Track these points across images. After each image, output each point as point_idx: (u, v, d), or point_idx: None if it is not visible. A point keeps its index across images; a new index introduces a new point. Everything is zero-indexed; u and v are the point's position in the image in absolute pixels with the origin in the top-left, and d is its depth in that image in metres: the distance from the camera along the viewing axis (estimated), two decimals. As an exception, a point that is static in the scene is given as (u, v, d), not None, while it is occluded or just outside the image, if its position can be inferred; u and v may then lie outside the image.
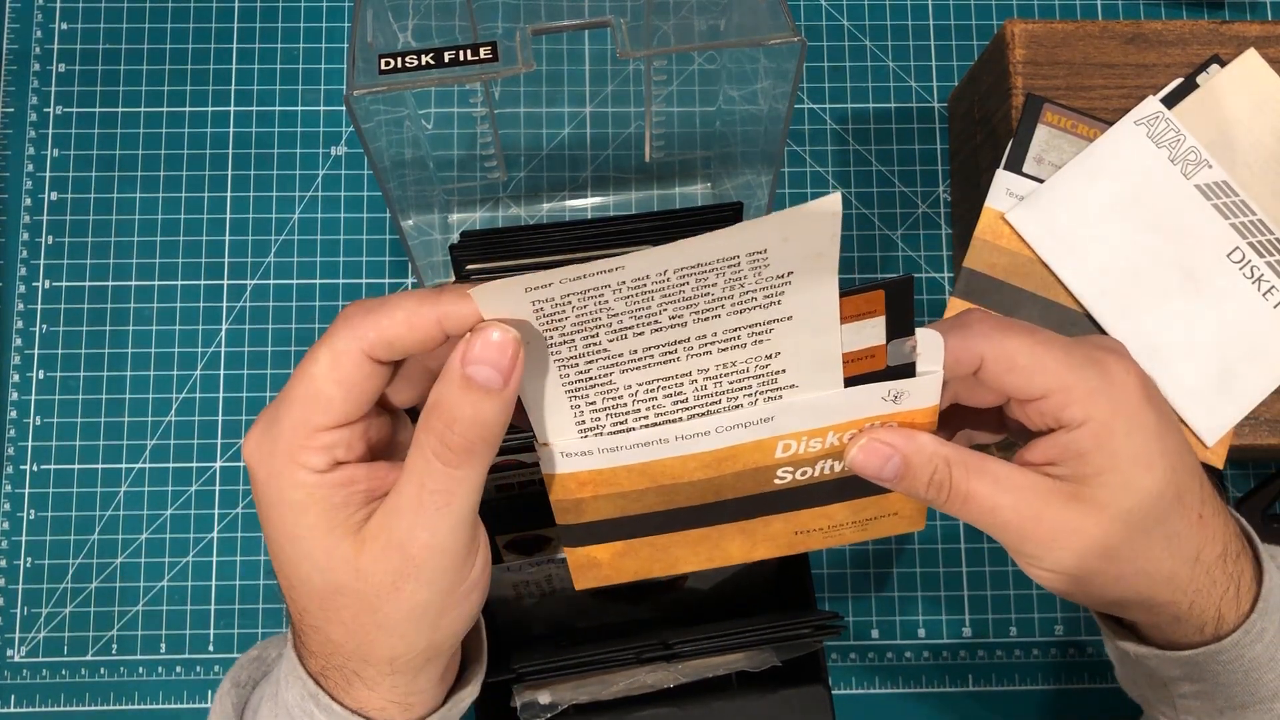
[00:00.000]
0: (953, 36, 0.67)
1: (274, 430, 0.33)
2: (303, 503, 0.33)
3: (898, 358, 0.34)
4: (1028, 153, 0.54)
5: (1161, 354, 0.52)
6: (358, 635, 0.34)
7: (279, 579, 0.35)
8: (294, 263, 0.63)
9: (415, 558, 0.33)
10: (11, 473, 0.61)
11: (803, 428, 0.35)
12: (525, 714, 0.45)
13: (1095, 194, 0.53)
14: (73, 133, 0.64)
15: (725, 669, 0.47)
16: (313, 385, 0.33)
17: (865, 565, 0.61)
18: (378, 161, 0.47)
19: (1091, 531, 0.35)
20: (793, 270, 0.32)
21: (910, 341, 0.34)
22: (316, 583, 0.34)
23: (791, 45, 0.44)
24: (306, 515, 0.33)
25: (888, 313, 0.33)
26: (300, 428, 0.33)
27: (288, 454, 0.33)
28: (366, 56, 0.44)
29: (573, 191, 0.65)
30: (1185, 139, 0.53)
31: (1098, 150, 0.54)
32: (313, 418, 0.33)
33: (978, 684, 0.60)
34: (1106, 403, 0.35)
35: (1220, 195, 0.53)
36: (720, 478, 0.36)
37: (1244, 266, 0.52)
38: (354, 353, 0.32)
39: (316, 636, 0.35)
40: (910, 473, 0.36)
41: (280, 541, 0.34)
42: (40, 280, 0.63)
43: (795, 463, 0.36)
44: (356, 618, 0.34)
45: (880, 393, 0.35)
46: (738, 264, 0.32)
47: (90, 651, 0.59)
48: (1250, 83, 0.54)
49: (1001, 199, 0.54)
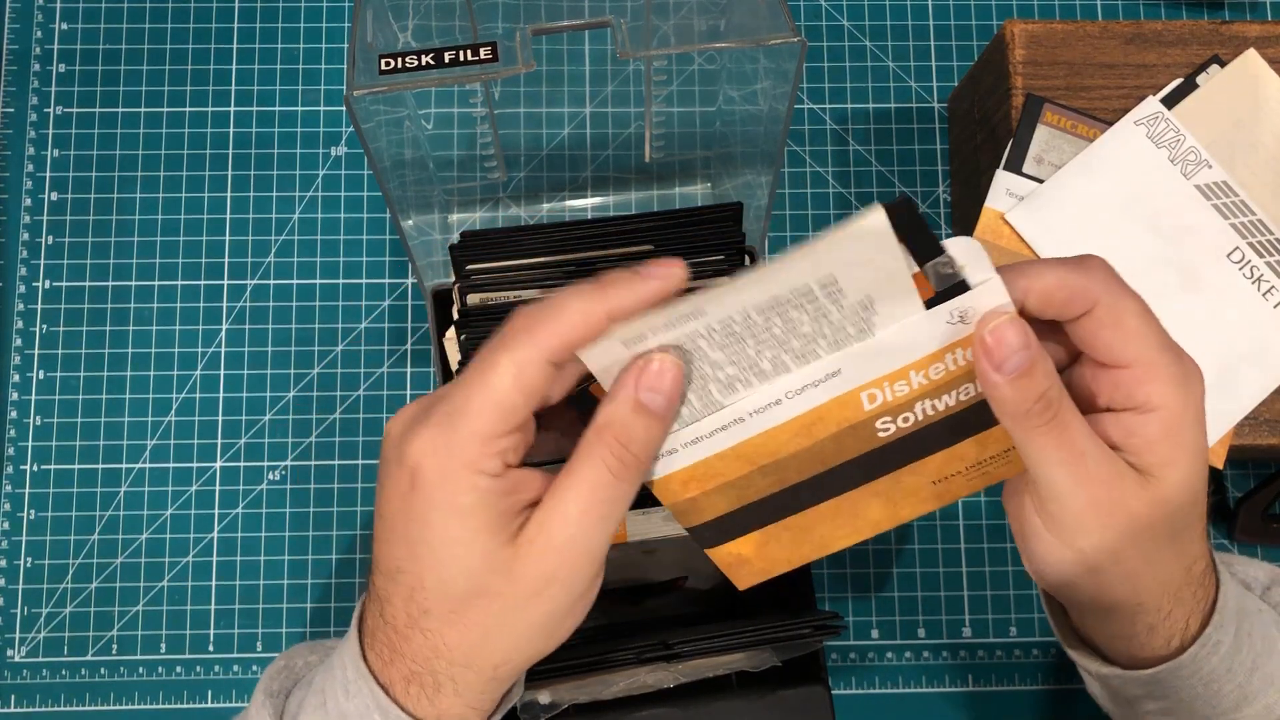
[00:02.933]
0: (953, 36, 0.67)
1: (452, 435, 0.34)
2: (473, 507, 0.34)
3: (941, 280, 0.32)
4: (1028, 153, 0.54)
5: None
6: (477, 639, 0.35)
7: (397, 581, 0.35)
8: (294, 263, 0.63)
9: (570, 562, 0.34)
10: (11, 473, 0.61)
11: (878, 374, 0.34)
12: (525, 713, 0.45)
13: (1095, 194, 0.54)
14: (73, 133, 0.64)
15: (725, 669, 0.47)
16: (497, 394, 0.33)
17: (865, 565, 0.61)
18: (378, 162, 0.47)
19: (1143, 518, 0.34)
20: (872, 296, 0.32)
21: (944, 259, 0.32)
22: (459, 585, 0.34)
23: (791, 45, 0.44)
24: (474, 518, 0.34)
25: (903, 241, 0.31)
26: (482, 435, 0.33)
27: (467, 460, 0.33)
28: (366, 57, 0.44)
29: (573, 191, 0.65)
30: (1185, 139, 0.53)
31: (1098, 150, 0.54)
32: (496, 425, 0.33)
33: (978, 684, 0.60)
34: (1183, 394, 0.34)
35: (1220, 195, 0.53)
36: (819, 444, 0.35)
37: (1244, 266, 0.52)
38: (538, 361, 0.33)
39: (425, 640, 0.35)
40: (1032, 375, 0.33)
41: (432, 543, 0.34)
42: (40, 280, 0.63)
43: (890, 411, 0.34)
44: (485, 620, 0.34)
45: (943, 317, 0.32)
46: (814, 297, 0.31)
47: (90, 651, 0.59)
48: (1250, 83, 0.54)
49: (1001, 199, 0.54)
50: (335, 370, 0.62)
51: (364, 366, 0.62)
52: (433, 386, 0.62)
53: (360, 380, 0.62)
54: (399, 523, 0.35)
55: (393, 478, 0.35)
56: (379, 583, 0.36)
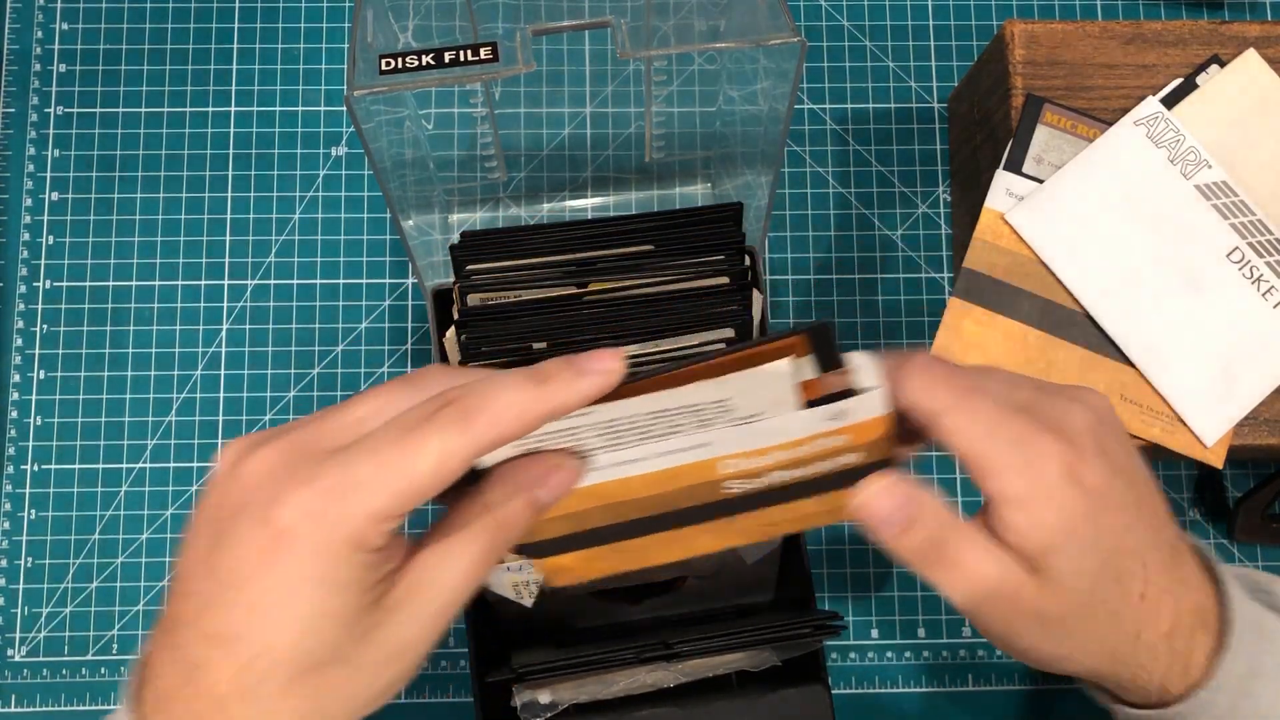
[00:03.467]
0: (952, 37, 0.67)
1: (343, 508, 0.31)
2: (349, 582, 0.31)
3: (833, 387, 0.34)
4: (1027, 153, 0.54)
5: (1162, 354, 0.52)
6: (312, 709, 0.32)
7: (227, 646, 0.31)
8: (294, 263, 0.63)
9: (434, 629, 0.33)
10: (12, 472, 0.61)
11: (742, 449, 0.35)
12: (525, 713, 0.45)
13: (1095, 194, 0.54)
14: (73, 133, 0.65)
15: (725, 668, 0.47)
16: (414, 480, 0.31)
17: (865, 565, 0.61)
18: (378, 162, 0.47)
19: (1051, 611, 0.36)
20: (759, 411, 0.34)
21: (842, 371, 0.34)
22: (315, 656, 0.31)
23: (791, 45, 0.44)
24: (348, 592, 0.31)
25: (815, 353, 0.34)
26: (380, 515, 0.31)
27: (353, 536, 0.31)
28: (367, 57, 0.44)
29: (573, 192, 0.65)
30: (1185, 139, 0.54)
31: (1097, 151, 0.54)
32: (399, 507, 0.31)
33: (977, 684, 0.60)
34: (1028, 477, 0.35)
35: (1220, 195, 0.53)
36: (666, 493, 0.36)
37: (1244, 267, 0.52)
38: (466, 456, 0.31)
39: (250, 711, 0.31)
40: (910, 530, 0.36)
41: (298, 613, 0.31)
42: (41, 280, 0.63)
43: (743, 476, 0.36)
44: (329, 688, 0.32)
45: (821, 415, 0.34)
46: (705, 411, 0.33)
47: (91, 651, 0.60)
48: (1250, 83, 0.54)
49: (1001, 199, 0.54)
50: (336, 370, 0.62)
51: (364, 366, 0.62)
52: (433, 386, 0.62)
53: (361, 380, 0.62)
54: (245, 585, 0.31)
55: (246, 536, 0.31)
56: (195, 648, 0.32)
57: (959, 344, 0.53)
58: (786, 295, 0.64)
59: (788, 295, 0.64)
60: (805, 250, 0.64)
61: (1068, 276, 0.53)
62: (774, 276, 0.64)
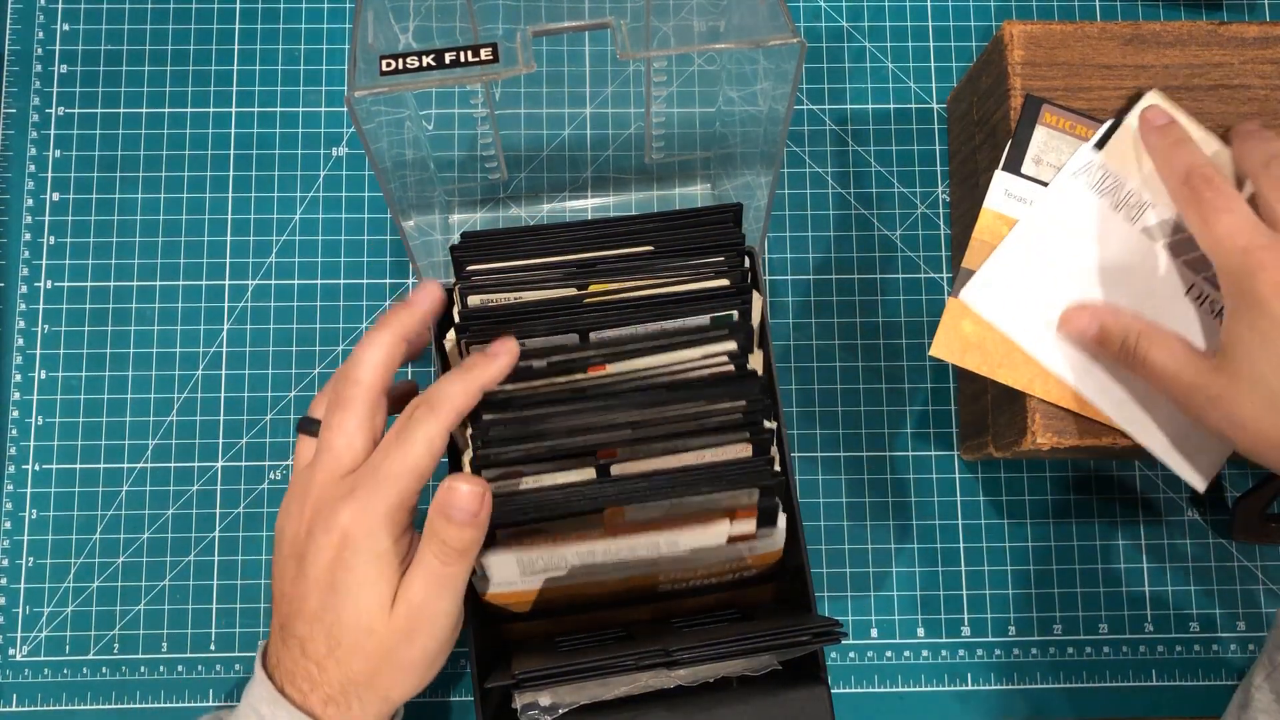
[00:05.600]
0: (952, 37, 0.67)
1: (376, 499, 0.43)
2: (385, 553, 0.43)
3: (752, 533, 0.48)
4: (1026, 154, 0.54)
5: (1136, 409, 0.51)
6: (374, 666, 0.44)
7: (318, 623, 0.44)
8: (295, 263, 0.64)
9: (426, 620, 0.44)
10: (14, 472, 0.61)
11: (678, 571, 0.50)
12: (526, 715, 0.46)
13: (1045, 258, 0.53)
14: (74, 133, 0.65)
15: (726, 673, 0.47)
16: (418, 463, 0.43)
17: (865, 565, 0.61)
18: (379, 162, 0.47)
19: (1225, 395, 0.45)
20: (699, 548, 0.49)
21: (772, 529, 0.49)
22: (362, 621, 0.43)
23: (791, 46, 0.44)
24: (383, 563, 0.43)
25: (758, 517, 0.48)
26: (403, 494, 0.43)
27: (389, 517, 0.43)
28: (367, 58, 0.44)
29: (573, 192, 0.65)
30: (1124, 183, 0.53)
31: (1041, 211, 0.53)
32: (414, 486, 0.43)
33: (977, 683, 0.60)
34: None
35: (1168, 234, 0.52)
36: (618, 591, 0.50)
37: (1203, 302, 0.51)
38: (443, 433, 0.44)
39: (338, 668, 0.44)
40: (1106, 336, 0.50)
41: (350, 585, 0.43)
42: (42, 280, 0.63)
43: (676, 582, 0.51)
44: (377, 652, 0.43)
45: (739, 550, 0.49)
46: (658, 547, 0.49)
47: (92, 650, 0.60)
48: None
49: (1000, 200, 0.54)
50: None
51: (365, 366, 0.62)
52: (433, 386, 0.62)
53: (361, 380, 0.62)
54: (325, 575, 0.43)
55: (321, 543, 0.43)
56: (300, 627, 0.44)
57: (958, 344, 0.53)
58: (786, 295, 0.64)
59: (787, 295, 0.64)
60: (805, 250, 0.64)
61: (1033, 347, 0.52)
62: (774, 277, 0.64)
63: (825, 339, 0.63)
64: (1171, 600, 0.61)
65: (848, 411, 0.63)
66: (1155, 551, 0.62)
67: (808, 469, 0.62)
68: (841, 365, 0.63)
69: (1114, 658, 0.60)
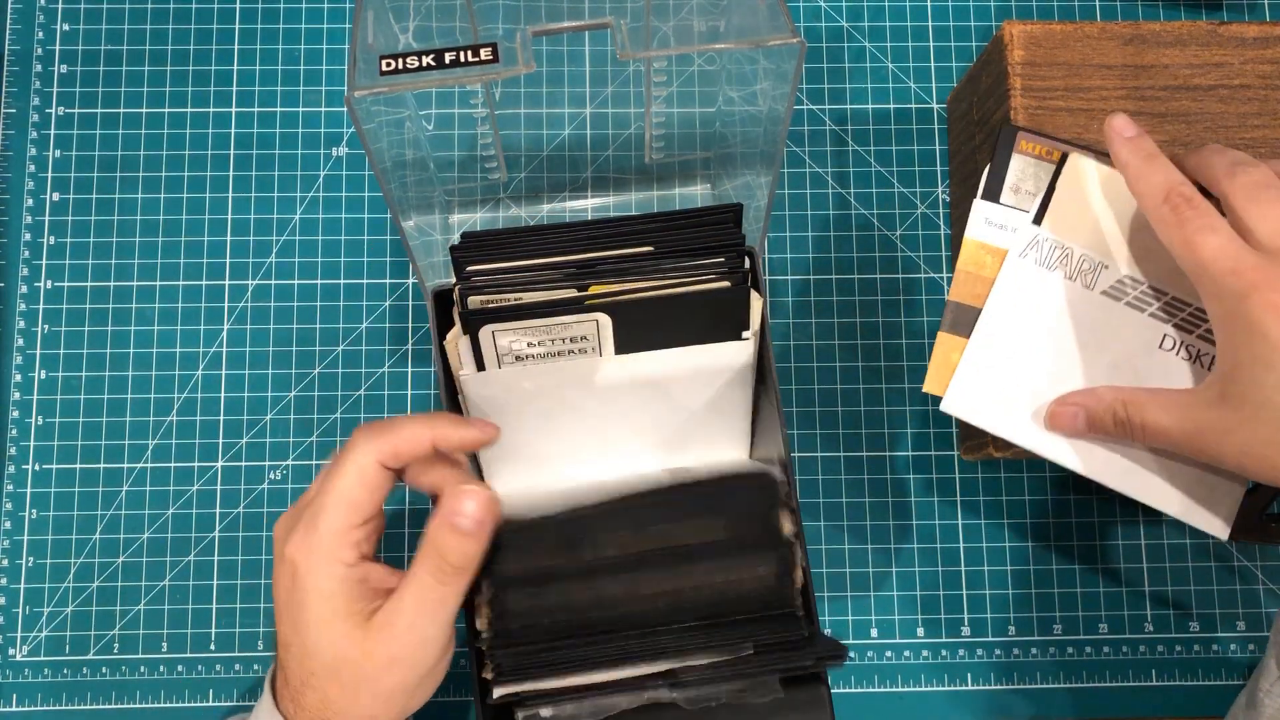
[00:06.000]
0: (951, 38, 0.67)
1: (315, 532, 0.43)
2: (333, 591, 0.42)
3: None
4: (1004, 183, 0.52)
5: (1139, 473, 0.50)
6: (351, 696, 0.43)
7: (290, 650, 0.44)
8: (295, 263, 0.64)
9: (412, 647, 0.43)
10: (14, 472, 0.61)
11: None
12: (525, 723, 0.46)
13: (1013, 345, 0.51)
14: (74, 133, 0.65)
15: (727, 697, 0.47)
16: (345, 493, 0.43)
17: (865, 565, 0.61)
18: (378, 162, 0.47)
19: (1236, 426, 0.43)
20: None
21: None
22: (328, 654, 0.42)
23: (791, 46, 0.44)
24: (333, 601, 0.42)
25: None
26: (338, 528, 0.43)
27: (327, 551, 0.42)
28: (367, 57, 0.44)
29: (573, 192, 0.65)
30: (1072, 250, 0.51)
31: (998, 303, 0.51)
32: (348, 518, 0.43)
33: (977, 683, 0.60)
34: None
35: (1128, 291, 0.51)
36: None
37: (1179, 349, 0.50)
38: (374, 463, 0.43)
39: (315, 695, 0.43)
40: (1095, 421, 0.48)
41: (308, 621, 0.43)
42: (42, 280, 0.63)
43: None
44: (354, 684, 0.43)
45: None
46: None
47: (92, 650, 0.60)
48: (1090, 180, 0.52)
49: (981, 229, 0.52)
50: (336, 370, 0.62)
51: (365, 366, 0.63)
52: (433, 386, 0.62)
53: (361, 380, 0.62)
54: (286, 606, 0.43)
55: (278, 573, 0.44)
56: (279, 653, 0.44)
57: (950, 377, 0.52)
58: (786, 295, 0.64)
59: (787, 295, 0.64)
60: (805, 250, 0.64)
61: (1028, 441, 0.51)
62: (773, 277, 0.64)
63: (825, 339, 0.63)
64: (1171, 600, 0.61)
65: (848, 411, 0.63)
66: (1155, 551, 0.62)
67: (808, 469, 0.62)
68: (841, 365, 0.63)
69: (1114, 658, 0.60)
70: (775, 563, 0.47)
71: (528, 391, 0.51)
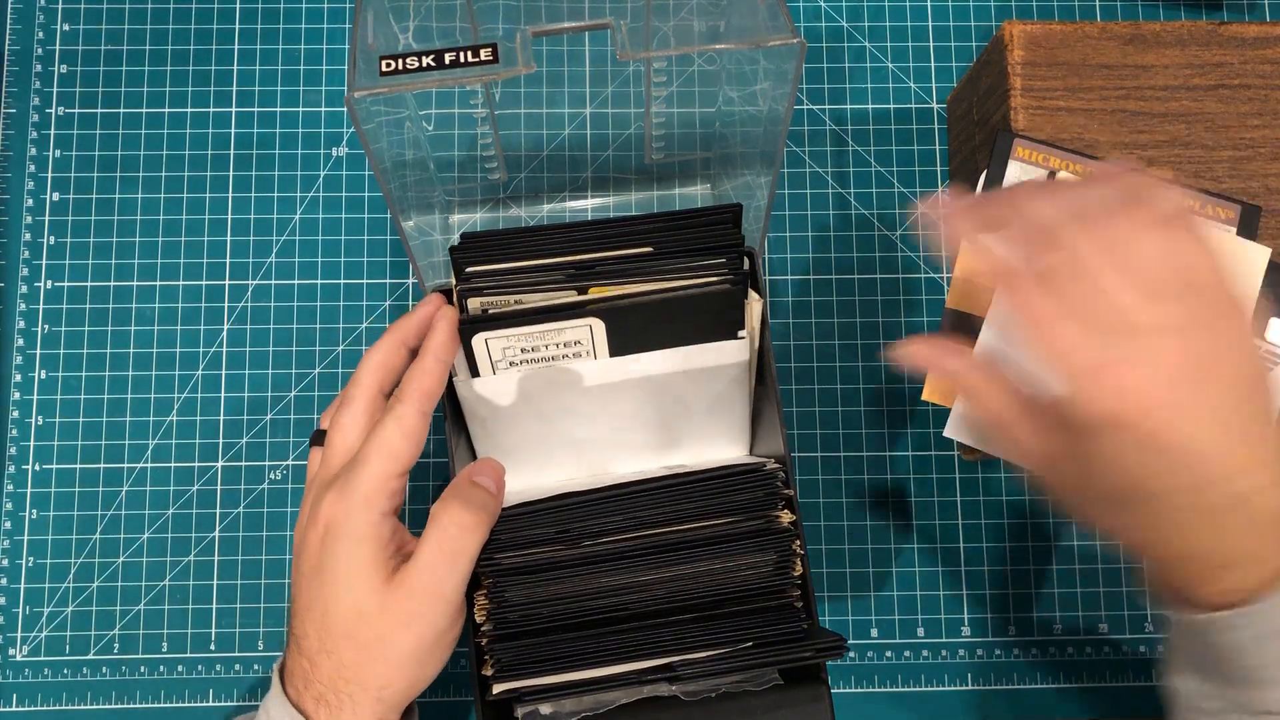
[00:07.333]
0: (951, 38, 0.67)
1: (352, 482, 0.44)
2: (364, 536, 0.43)
3: None
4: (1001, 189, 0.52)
5: None
6: (365, 659, 0.43)
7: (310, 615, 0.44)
8: (295, 263, 0.64)
9: (429, 604, 0.43)
10: (14, 472, 0.61)
11: None
12: (525, 721, 0.46)
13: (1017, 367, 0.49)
14: (74, 133, 0.65)
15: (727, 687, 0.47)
16: (387, 443, 0.44)
17: (865, 565, 0.61)
18: (378, 162, 0.47)
19: None
20: None
21: None
22: (349, 609, 0.43)
23: (790, 46, 0.44)
24: (363, 547, 0.43)
25: None
26: (379, 474, 0.44)
27: (365, 498, 0.43)
28: (367, 58, 0.44)
29: (573, 192, 0.65)
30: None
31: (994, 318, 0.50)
32: (388, 467, 0.44)
33: (977, 683, 0.60)
34: None
35: None
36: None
37: None
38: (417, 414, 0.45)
39: (330, 661, 0.43)
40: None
41: (335, 570, 0.43)
42: (42, 280, 0.63)
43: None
44: (369, 645, 0.43)
45: None
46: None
47: (92, 650, 0.60)
48: None
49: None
50: (336, 370, 0.62)
51: (365, 366, 0.62)
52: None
53: (361, 380, 0.62)
54: (313, 566, 0.44)
55: (308, 538, 0.45)
56: (296, 625, 0.45)
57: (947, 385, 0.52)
58: (786, 295, 0.64)
59: (787, 295, 0.64)
60: (805, 250, 0.64)
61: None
62: (773, 277, 0.64)
63: (825, 339, 0.63)
64: (1171, 600, 0.61)
65: (848, 411, 0.63)
66: (1155, 551, 0.62)
67: (808, 469, 0.62)
68: (841, 365, 0.63)
69: (1114, 658, 0.60)
70: (773, 552, 0.48)
71: (523, 396, 0.51)
